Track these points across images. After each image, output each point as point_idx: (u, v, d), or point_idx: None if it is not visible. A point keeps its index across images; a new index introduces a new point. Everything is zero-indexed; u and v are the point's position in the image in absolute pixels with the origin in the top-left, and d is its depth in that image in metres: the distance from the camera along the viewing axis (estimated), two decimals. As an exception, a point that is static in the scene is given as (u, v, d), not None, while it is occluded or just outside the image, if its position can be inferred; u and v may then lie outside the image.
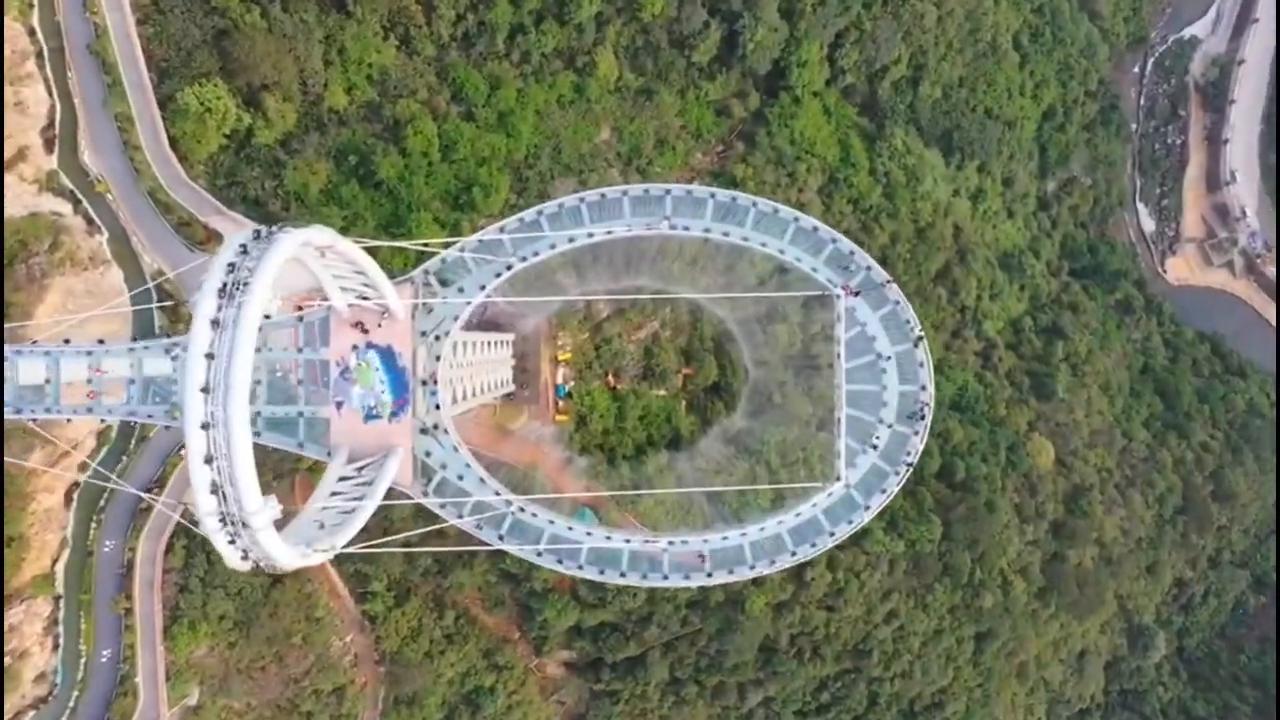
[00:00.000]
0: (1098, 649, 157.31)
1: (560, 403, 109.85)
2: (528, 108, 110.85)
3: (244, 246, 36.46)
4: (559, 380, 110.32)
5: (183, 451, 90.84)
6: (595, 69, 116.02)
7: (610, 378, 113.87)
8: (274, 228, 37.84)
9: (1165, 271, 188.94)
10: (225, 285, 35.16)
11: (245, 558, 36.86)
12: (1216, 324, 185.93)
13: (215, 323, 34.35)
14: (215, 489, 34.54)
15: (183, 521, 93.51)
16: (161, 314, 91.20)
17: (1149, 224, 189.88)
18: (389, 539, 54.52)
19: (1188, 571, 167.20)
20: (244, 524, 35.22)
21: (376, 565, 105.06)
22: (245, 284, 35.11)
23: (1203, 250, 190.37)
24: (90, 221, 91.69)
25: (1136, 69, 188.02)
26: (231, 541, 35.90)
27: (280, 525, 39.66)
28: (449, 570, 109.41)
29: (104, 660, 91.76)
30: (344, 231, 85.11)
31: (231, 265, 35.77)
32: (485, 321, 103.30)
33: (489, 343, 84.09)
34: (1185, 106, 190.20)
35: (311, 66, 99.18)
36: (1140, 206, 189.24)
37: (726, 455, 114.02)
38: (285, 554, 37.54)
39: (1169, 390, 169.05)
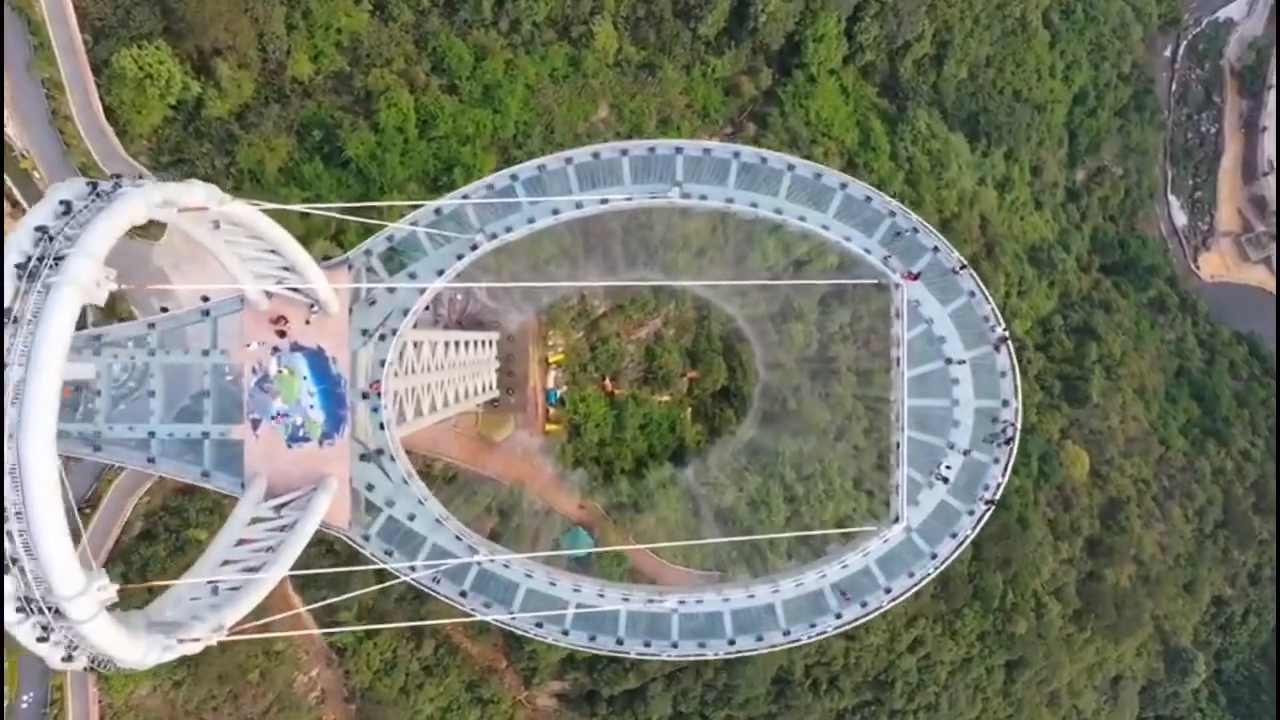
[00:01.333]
0: (1133, 674, 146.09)
1: (551, 410, 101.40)
2: (517, 81, 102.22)
3: (67, 205, 24.89)
4: (550, 385, 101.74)
5: (119, 467, 79.98)
6: (592, 40, 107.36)
7: (607, 382, 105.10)
8: (119, 178, 26.33)
9: (1198, 268, 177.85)
10: (29, 260, 23.70)
11: (69, 658, 25.34)
12: (1254, 323, 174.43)
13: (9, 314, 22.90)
14: (9, 563, 23.10)
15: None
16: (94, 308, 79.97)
17: (1180, 217, 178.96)
18: (283, 616, 42.94)
19: (1227, 589, 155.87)
20: (56, 611, 23.76)
21: (345, 590, 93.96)
22: (59, 259, 23.63)
23: (1239, 245, 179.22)
24: (14, 204, 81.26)
25: (1168, 53, 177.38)
26: (43, 638, 24.38)
27: (135, 604, 28.23)
28: (427, 595, 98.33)
29: (25, 705, 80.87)
30: (304, 216, 74.82)
31: (43, 231, 24.29)
32: (466, 319, 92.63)
33: (466, 343, 72.88)
34: (1220, 93, 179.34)
35: (272, 30, 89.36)
36: (1172, 199, 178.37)
37: (736, 468, 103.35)
38: (131, 650, 25.82)
39: (1206, 394, 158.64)
